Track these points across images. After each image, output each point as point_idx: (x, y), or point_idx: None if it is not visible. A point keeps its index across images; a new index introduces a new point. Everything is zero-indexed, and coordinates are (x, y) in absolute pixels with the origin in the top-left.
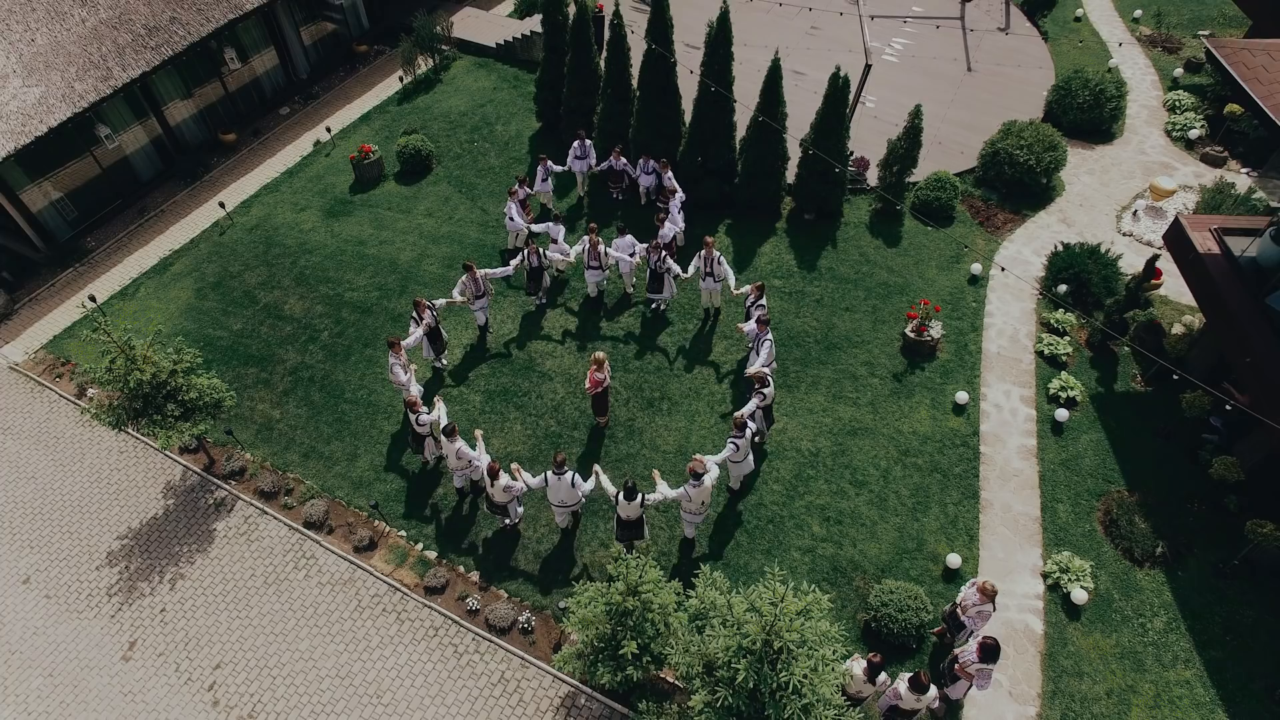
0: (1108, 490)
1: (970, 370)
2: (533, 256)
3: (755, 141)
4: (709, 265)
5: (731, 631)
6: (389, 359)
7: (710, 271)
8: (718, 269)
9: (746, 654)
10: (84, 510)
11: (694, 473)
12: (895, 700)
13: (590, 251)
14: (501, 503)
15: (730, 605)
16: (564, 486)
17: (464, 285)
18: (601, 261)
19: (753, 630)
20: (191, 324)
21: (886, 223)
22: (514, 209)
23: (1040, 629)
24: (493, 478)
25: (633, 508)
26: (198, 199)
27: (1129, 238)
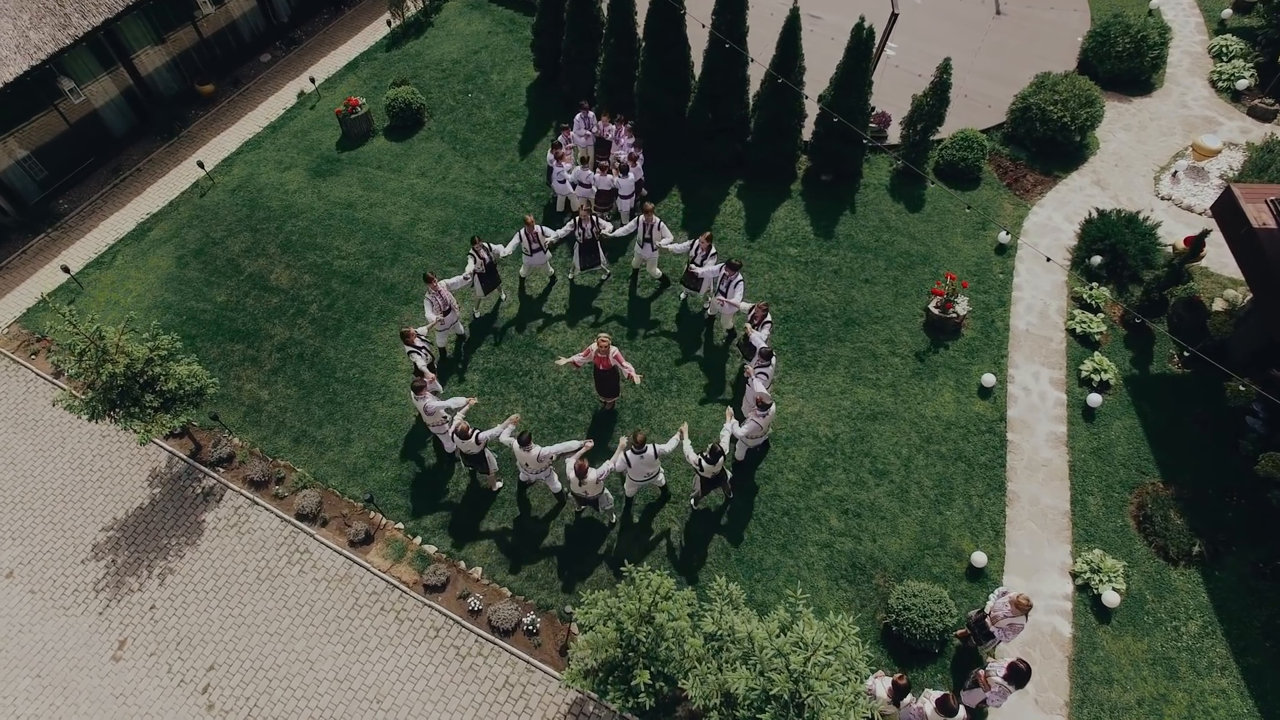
0: (1141, 482)
1: (997, 349)
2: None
3: (770, 97)
4: (647, 231)
5: (755, 674)
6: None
7: (649, 238)
8: (656, 235)
9: (772, 699)
10: (67, 499)
11: (761, 404)
12: (920, 718)
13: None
14: (594, 495)
15: (753, 640)
16: (646, 462)
17: (430, 301)
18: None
19: (780, 682)
20: (173, 295)
21: (908, 185)
22: (557, 168)
23: (1069, 632)
24: (581, 476)
25: (716, 467)
26: (176, 156)
27: (1168, 202)
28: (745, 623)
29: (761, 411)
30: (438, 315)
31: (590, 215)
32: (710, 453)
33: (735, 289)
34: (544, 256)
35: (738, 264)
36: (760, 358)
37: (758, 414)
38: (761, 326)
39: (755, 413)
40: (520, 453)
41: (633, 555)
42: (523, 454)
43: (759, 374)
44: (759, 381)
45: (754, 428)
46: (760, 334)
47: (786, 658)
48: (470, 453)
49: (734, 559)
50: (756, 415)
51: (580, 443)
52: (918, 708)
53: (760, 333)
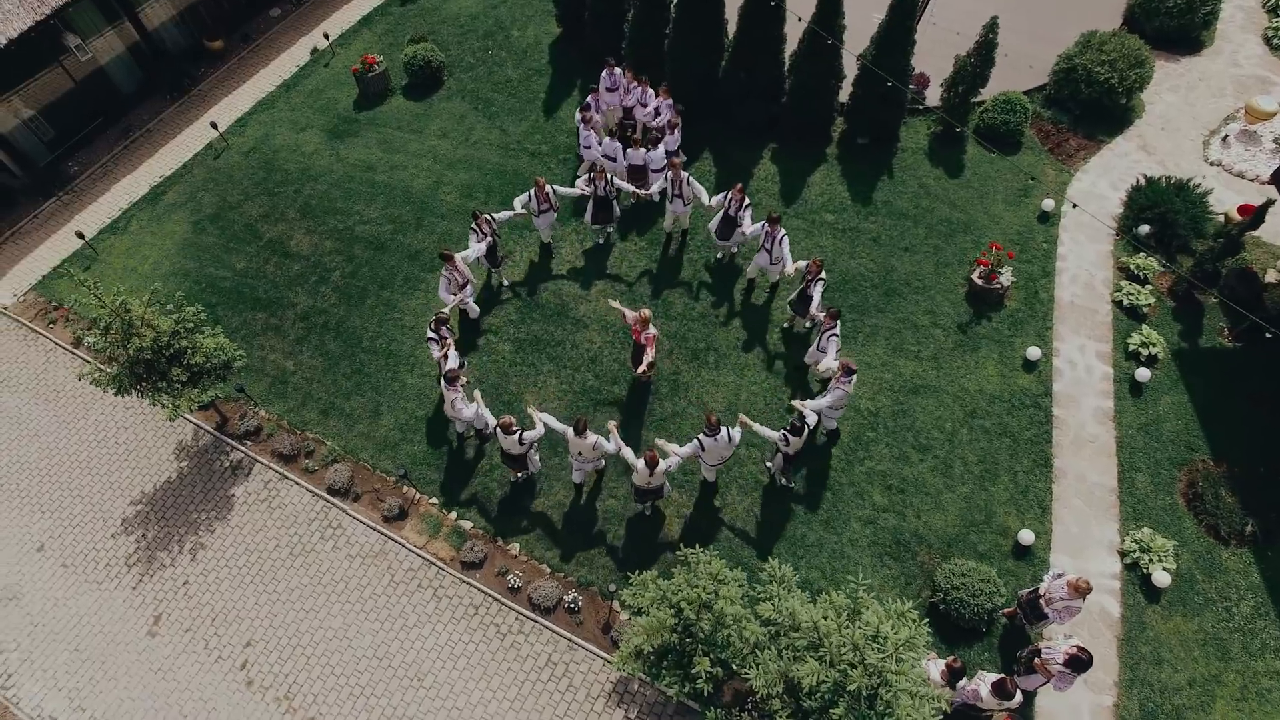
0: (1191, 459)
1: (1041, 321)
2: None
3: (808, 57)
4: (677, 187)
5: (827, 668)
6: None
7: (679, 193)
8: (686, 190)
9: (845, 692)
10: (93, 472)
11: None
12: (974, 701)
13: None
14: (658, 485)
15: (819, 630)
16: (721, 445)
17: (446, 279)
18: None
19: (857, 678)
20: (190, 262)
21: (947, 149)
22: (587, 134)
23: (1117, 612)
24: (651, 467)
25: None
26: (187, 116)
27: (1218, 168)
28: (809, 611)
29: (846, 378)
30: (453, 295)
31: (605, 174)
32: (792, 429)
33: (782, 244)
34: (552, 216)
35: (777, 217)
36: (830, 318)
37: (842, 380)
38: (816, 284)
39: (840, 380)
40: (574, 440)
41: (672, 532)
42: (577, 440)
43: (831, 337)
44: (833, 347)
45: (839, 396)
46: (817, 291)
47: (861, 651)
48: (514, 453)
49: (775, 535)
50: (841, 383)
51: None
52: (972, 689)
53: (816, 290)
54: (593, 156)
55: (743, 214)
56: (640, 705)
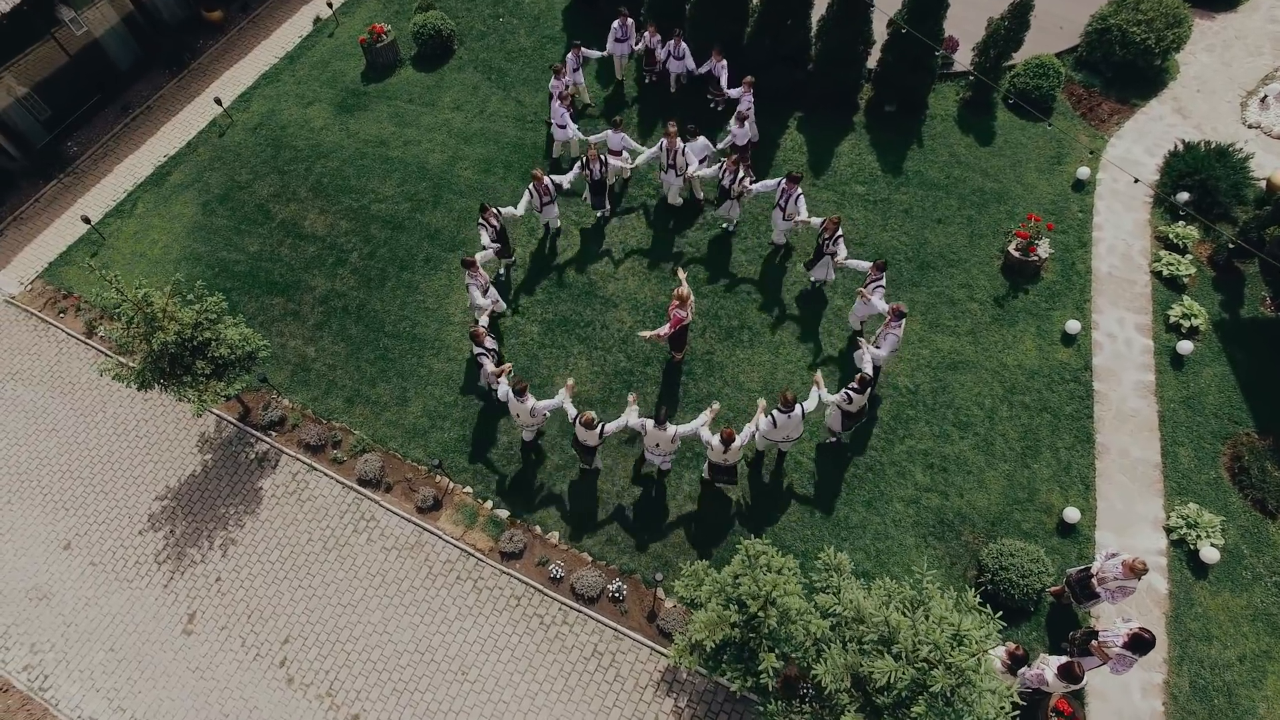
0: (1235, 433)
1: (1079, 294)
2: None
3: (837, 22)
4: (670, 157)
5: (903, 665)
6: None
7: (672, 164)
8: (680, 160)
9: (925, 689)
10: (115, 467)
11: (898, 313)
12: (1039, 685)
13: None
14: (734, 462)
15: (890, 625)
16: (794, 423)
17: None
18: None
19: (940, 678)
20: (202, 246)
21: (977, 115)
22: (560, 111)
23: (1165, 588)
24: (727, 444)
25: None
26: (188, 92)
27: (1256, 130)
28: (874, 602)
29: (896, 322)
30: (485, 299)
31: (599, 156)
32: (859, 383)
33: (798, 203)
34: (554, 208)
35: (798, 176)
36: (876, 270)
37: (893, 325)
38: (836, 243)
39: (891, 325)
40: (654, 432)
41: (712, 516)
42: (656, 432)
43: (876, 288)
44: (878, 297)
45: (893, 342)
46: (841, 250)
47: (942, 650)
48: (591, 445)
49: (818, 516)
50: (892, 328)
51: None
52: (1035, 674)
53: (840, 249)
54: (565, 136)
55: (744, 179)
56: (690, 694)
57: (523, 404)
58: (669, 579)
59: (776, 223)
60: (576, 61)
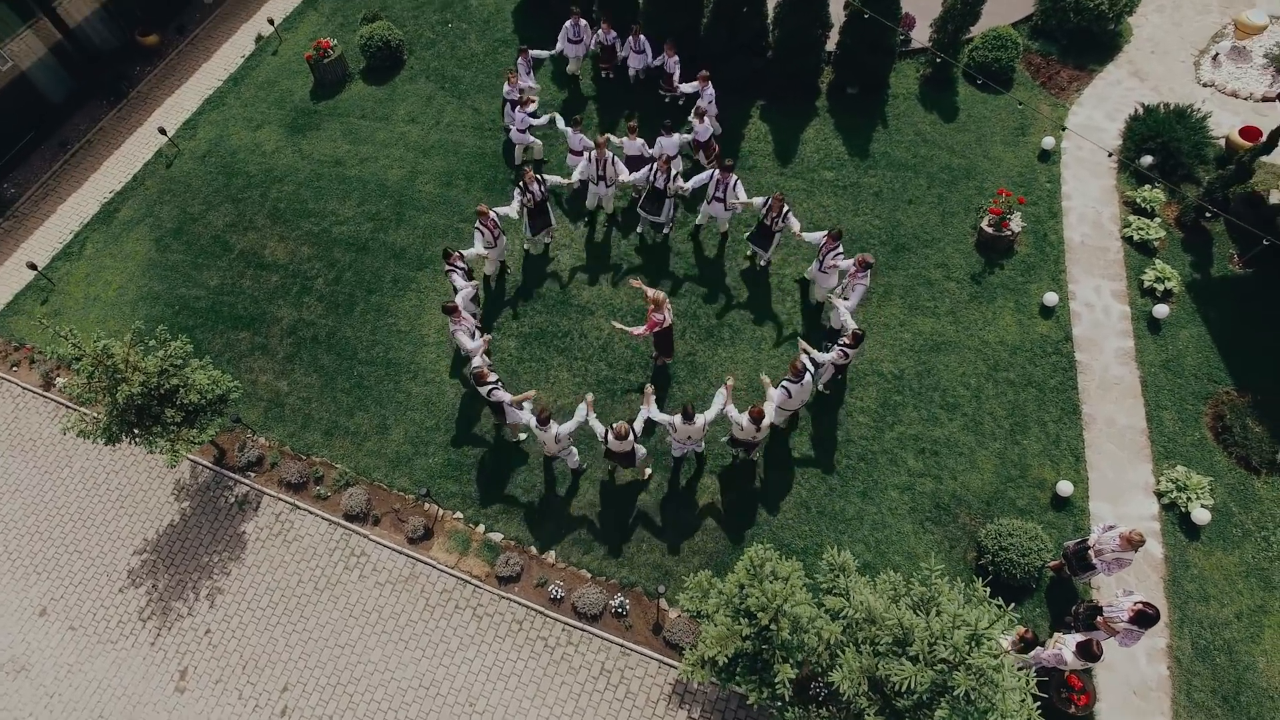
0: (1215, 392)
1: (1054, 265)
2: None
3: (793, 8)
4: (600, 168)
5: (922, 668)
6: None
7: (603, 175)
8: (610, 170)
9: (947, 691)
10: (88, 524)
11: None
12: (1057, 664)
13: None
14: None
15: (905, 627)
16: (806, 389)
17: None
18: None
19: (962, 680)
20: (159, 284)
21: (939, 92)
22: (521, 116)
23: (1160, 553)
24: (758, 421)
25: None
26: (129, 122)
27: (1211, 89)
28: (884, 602)
29: (862, 273)
30: (474, 342)
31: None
32: (853, 339)
33: (736, 190)
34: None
35: (730, 165)
36: (831, 240)
37: (859, 276)
38: (786, 219)
39: (857, 276)
40: (684, 426)
41: (711, 519)
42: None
43: (836, 256)
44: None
45: (863, 290)
46: (793, 223)
47: (961, 652)
48: (623, 451)
49: (814, 512)
50: (859, 278)
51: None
52: (1053, 654)
53: (792, 222)
54: (522, 140)
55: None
56: (704, 704)
57: (546, 432)
58: (671, 589)
59: (717, 214)
60: (527, 65)
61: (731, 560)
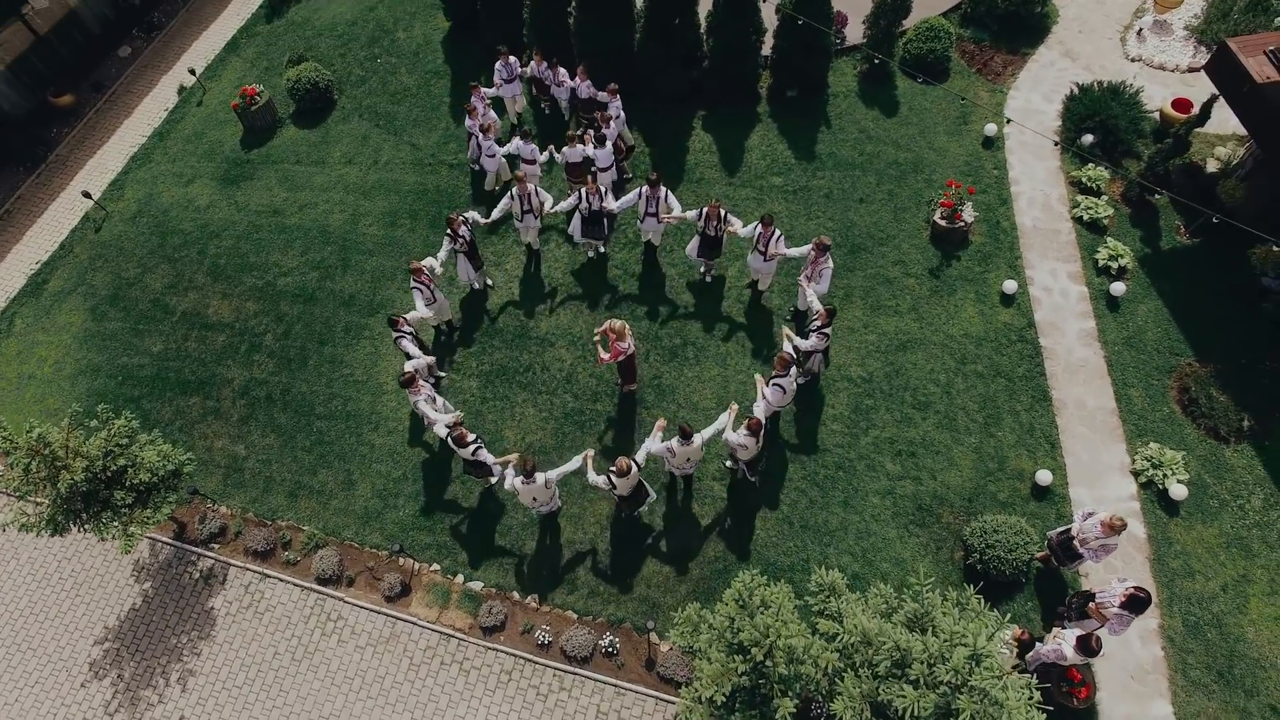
0: (1177, 365)
1: (1009, 251)
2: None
3: (727, 17)
4: (525, 202)
5: (924, 691)
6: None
7: (529, 208)
8: (535, 202)
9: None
10: (40, 618)
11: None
12: (1058, 660)
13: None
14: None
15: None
16: (793, 381)
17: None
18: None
19: (966, 704)
20: (98, 355)
21: (878, 87)
22: (488, 144)
23: (1143, 533)
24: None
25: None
26: (50, 188)
27: (1139, 63)
28: (878, 623)
29: (824, 255)
30: (437, 411)
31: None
32: (826, 318)
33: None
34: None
35: (654, 178)
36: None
37: (822, 260)
38: (727, 221)
39: (820, 260)
40: (523, 487)
41: (692, 543)
42: (525, 488)
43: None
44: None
45: (829, 273)
46: (738, 223)
47: (963, 674)
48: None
49: (797, 527)
50: (822, 262)
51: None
52: (1052, 650)
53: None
54: (494, 166)
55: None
56: None
57: (531, 484)
58: (661, 622)
59: (650, 227)
60: (481, 101)
61: (719, 586)
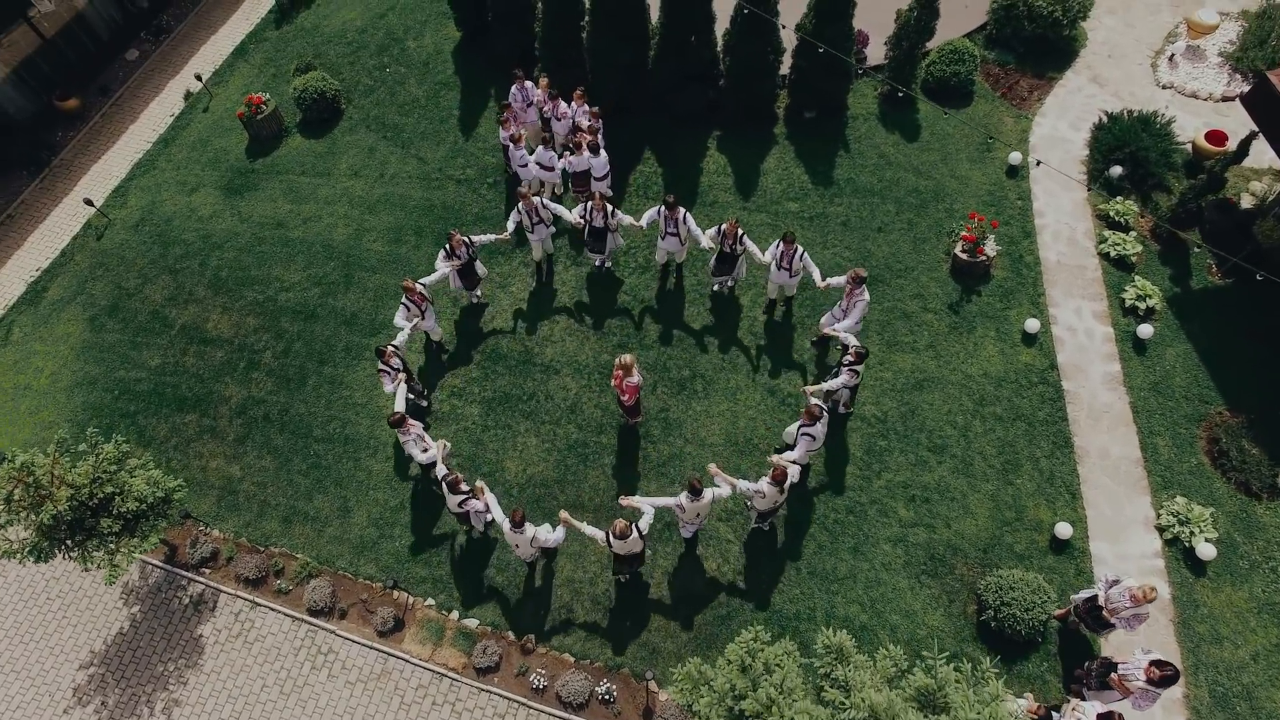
0: (1207, 413)
1: (1032, 288)
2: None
3: (744, 36)
4: (533, 215)
5: None
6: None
7: (539, 219)
8: (545, 214)
9: None
10: (25, 640)
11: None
12: None
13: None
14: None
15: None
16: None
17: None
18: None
19: None
20: (95, 367)
21: (899, 110)
22: (519, 153)
23: (1167, 593)
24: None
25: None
26: (53, 193)
27: (1170, 91)
28: (889, 700)
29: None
30: (429, 453)
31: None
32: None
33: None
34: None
35: (672, 200)
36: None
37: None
38: (742, 241)
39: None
40: (511, 535)
41: (695, 587)
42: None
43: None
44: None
45: (863, 307)
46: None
47: None
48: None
49: (805, 573)
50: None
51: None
52: None
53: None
54: (530, 174)
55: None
56: None
57: (520, 534)
58: (660, 669)
59: (672, 248)
60: (523, 95)
61: (721, 633)
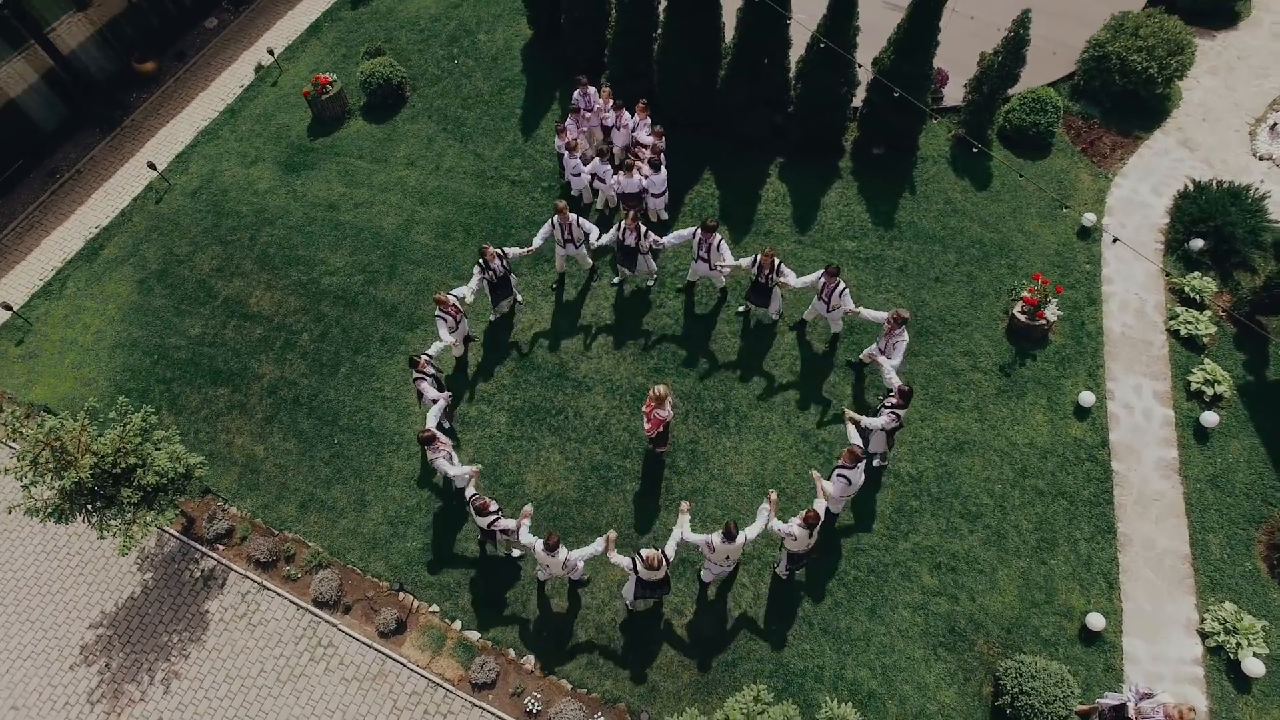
0: (1269, 516)
1: (1091, 359)
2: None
3: (818, 66)
4: (565, 231)
5: None
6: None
7: (569, 238)
8: (576, 232)
9: None
10: (42, 592)
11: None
12: None
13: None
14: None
15: None
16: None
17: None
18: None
19: None
20: (139, 330)
21: (972, 155)
22: (573, 162)
23: (1204, 705)
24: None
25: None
26: (121, 153)
27: (1268, 162)
28: None
29: (899, 329)
30: (458, 468)
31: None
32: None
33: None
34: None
35: (712, 224)
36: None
37: (896, 332)
38: (780, 272)
39: (895, 332)
40: (544, 556)
41: (705, 629)
42: (545, 557)
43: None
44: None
45: (904, 347)
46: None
47: None
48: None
49: (817, 628)
50: (897, 335)
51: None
52: None
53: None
54: (581, 184)
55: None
56: None
57: (553, 558)
58: (657, 709)
59: (704, 271)
60: (585, 101)
61: (723, 680)
